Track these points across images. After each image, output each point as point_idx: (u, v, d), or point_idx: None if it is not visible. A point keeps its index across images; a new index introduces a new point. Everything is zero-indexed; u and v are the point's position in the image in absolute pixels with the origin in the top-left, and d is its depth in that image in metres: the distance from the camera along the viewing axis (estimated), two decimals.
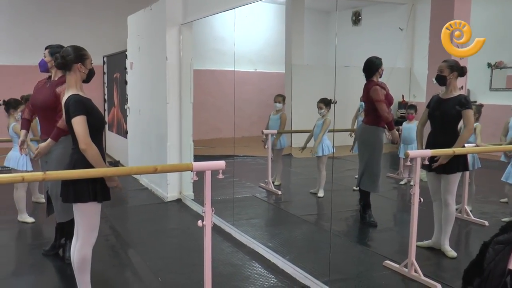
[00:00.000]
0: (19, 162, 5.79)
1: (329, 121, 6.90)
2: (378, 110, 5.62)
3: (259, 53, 14.52)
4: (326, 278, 4.13)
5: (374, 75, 5.74)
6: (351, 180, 7.91)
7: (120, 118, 9.93)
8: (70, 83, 3.55)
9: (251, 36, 14.04)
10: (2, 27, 12.32)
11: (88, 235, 3.59)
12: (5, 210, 6.42)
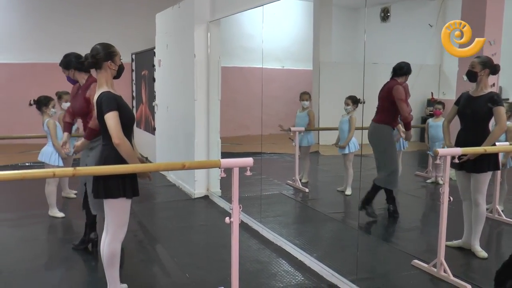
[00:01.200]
0: (51, 157, 5.92)
1: (354, 119, 6.85)
2: (400, 109, 5.66)
3: (287, 50, 14.48)
4: (354, 277, 4.11)
5: (402, 77, 5.79)
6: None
7: (148, 115, 10.03)
8: (101, 81, 3.58)
9: (278, 33, 14.00)
10: (32, 25, 12.55)
11: (117, 230, 3.64)
12: (36, 205, 6.54)
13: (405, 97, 5.72)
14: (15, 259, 4.88)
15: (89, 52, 3.59)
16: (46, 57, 12.57)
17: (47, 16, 12.66)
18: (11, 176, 3.78)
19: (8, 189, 7.47)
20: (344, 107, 6.96)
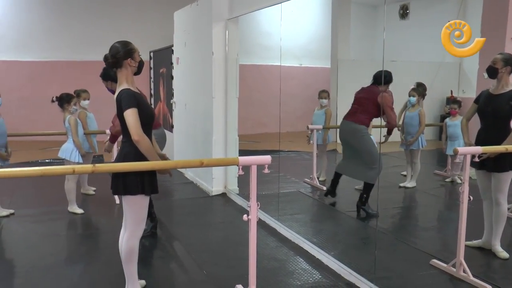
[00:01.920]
0: (72, 154, 5.99)
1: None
2: (388, 116, 5.82)
3: (305, 48, 14.44)
4: (372, 275, 4.09)
5: (384, 85, 5.86)
6: (397, 177, 7.80)
7: (166, 113, 10.08)
8: (121, 79, 3.60)
9: (296, 31, 13.97)
10: (53, 23, 12.71)
11: (135, 227, 3.67)
12: (56, 201, 6.62)
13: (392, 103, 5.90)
14: (37, 254, 4.95)
15: (108, 52, 3.60)
16: (66, 55, 12.75)
17: (67, 15, 12.80)
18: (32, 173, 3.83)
19: (29, 185, 7.57)
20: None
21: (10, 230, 5.70)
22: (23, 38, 12.56)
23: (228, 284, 4.13)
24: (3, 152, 5.90)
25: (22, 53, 12.56)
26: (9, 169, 3.66)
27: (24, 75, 12.50)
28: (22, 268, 4.66)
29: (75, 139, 6.02)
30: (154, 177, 3.69)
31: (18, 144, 8.25)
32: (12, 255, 5.14)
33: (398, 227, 6.03)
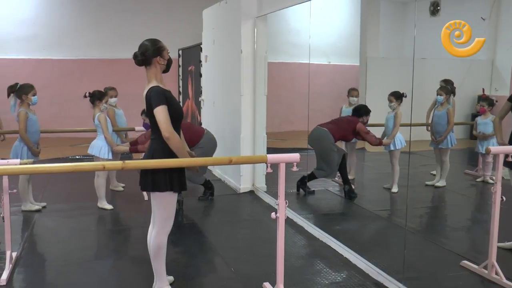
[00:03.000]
0: (101, 150, 6.07)
1: (400, 114, 6.73)
2: (368, 140, 6.75)
3: (333, 45, 14.34)
4: (400, 276, 4.03)
5: (362, 117, 6.80)
6: (426, 176, 7.69)
7: (194, 110, 10.14)
8: (150, 77, 3.63)
9: (325, 28, 13.87)
10: (84, 23, 12.89)
11: (164, 223, 3.70)
12: (86, 197, 6.72)
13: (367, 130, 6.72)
14: (67, 248, 5.04)
15: (138, 50, 3.63)
16: (96, 54, 12.93)
17: (97, 14, 12.97)
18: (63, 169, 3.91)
19: (60, 180, 7.70)
20: (388, 104, 6.85)
21: (42, 225, 5.81)
22: (55, 37, 12.78)
23: (256, 281, 4.14)
24: (36, 148, 6.03)
25: (53, 51, 12.78)
26: (43, 165, 3.75)
27: (55, 73, 12.72)
28: (53, 262, 4.75)
29: (106, 136, 6.10)
30: (183, 174, 3.71)
31: (49, 140, 8.40)
32: (44, 248, 5.25)
33: (427, 227, 5.96)
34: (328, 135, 6.61)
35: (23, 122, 5.86)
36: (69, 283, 4.23)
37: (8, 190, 4.37)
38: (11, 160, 4.48)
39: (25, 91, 5.91)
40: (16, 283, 4.20)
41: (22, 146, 5.92)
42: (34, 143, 6.01)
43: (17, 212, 5.99)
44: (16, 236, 5.11)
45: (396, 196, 6.92)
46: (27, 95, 5.91)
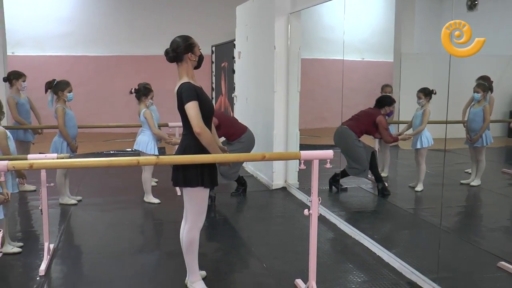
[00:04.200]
0: (148, 146, 6.15)
1: (428, 112, 6.62)
2: (383, 136, 6.58)
3: (367, 41, 14.20)
4: (435, 275, 3.97)
5: (384, 108, 6.67)
6: (460, 174, 7.54)
7: (227, 106, 10.18)
8: (182, 73, 3.66)
9: (358, 24, 13.75)
10: (118, 20, 13.10)
11: (196, 218, 3.73)
12: (120, 191, 6.82)
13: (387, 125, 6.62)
14: (102, 241, 5.15)
15: (169, 46, 3.66)
16: (130, 50, 13.12)
17: (131, 11, 13.16)
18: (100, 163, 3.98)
19: (95, 175, 7.83)
20: (417, 100, 6.75)
21: (78, 218, 5.93)
22: (90, 35, 13.02)
23: (288, 278, 4.14)
24: (74, 144, 6.15)
25: (89, 48, 13.02)
26: (79, 159, 3.82)
27: (90, 69, 12.95)
28: (88, 254, 4.85)
29: (154, 131, 6.19)
30: (214, 170, 3.73)
31: (84, 136, 8.55)
32: (79, 241, 5.37)
33: (462, 227, 5.85)
34: (348, 132, 6.56)
35: (61, 118, 5.99)
36: (104, 275, 4.30)
37: (46, 183, 4.48)
38: (49, 154, 4.58)
39: (61, 87, 6.04)
40: (54, 273, 4.30)
41: (61, 141, 6.06)
42: (72, 138, 6.14)
43: (54, 205, 6.13)
44: (53, 229, 5.23)
45: (425, 194, 6.82)
46: (63, 92, 6.03)
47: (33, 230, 5.49)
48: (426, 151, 6.78)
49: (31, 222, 5.81)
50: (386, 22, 13.73)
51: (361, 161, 6.56)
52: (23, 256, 4.63)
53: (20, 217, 5.97)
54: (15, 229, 5.38)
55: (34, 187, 6.81)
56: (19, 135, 6.80)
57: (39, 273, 4.20)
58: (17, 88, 6.91)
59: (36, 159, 4.00)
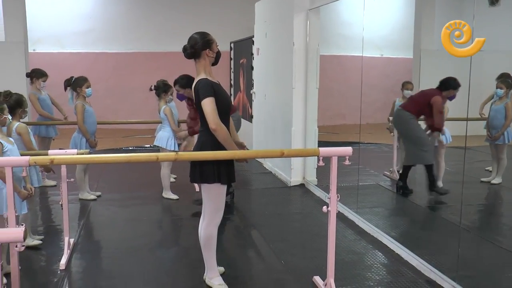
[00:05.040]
0: (168, 142, 6.18)
1: (446, 109, 6.53)
2: (435, 118, 6.15)
3: (386, 38, 14.09)
4: (454, 274, 3.93)
5: (448, 91, 6.17)
6: (480, 172, 7.45)
7: (246, 103, 10.17)
8: (199, 69, 3.67)
9: (378, 20, 13.65)
10: (137, 17, 13.19)
11: (213, 214, 3.74)
12: (138, 187, 6.87)
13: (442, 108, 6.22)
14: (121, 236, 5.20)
15: (187, 43, 3.67)
16: (149, 47, 13.19)
17: (149, 7, 13.23)
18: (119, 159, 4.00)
19: (114, 171, 7.89)
20: None
21: (97, 213, 5.99)
22: (110, 31, 13.12)
23: (306, 275, 4.14)
24: (93, 140, 6.21)
25: (108, 45, 13.12)
26: (98, 155, 3.84)
27: (110, 66, 13.04)
28: (108, 249, 4.90)
29: (174, 128, 6.22)
30: (231, 166, 3.74)
31: (103, 132, 8.62)
32: (99, 236, 5.42)
33: (483, 225, 5.79)
34: (403, 113, 6.37)
35: (80, 114, 6.05)
36: (122, 270, 4.34)
37: (66, 179, 4.53)
38: (69, 150, 4.62)
39: (80, 84, 6.10)
40: (74, 268, 4.36)
41: (80, 137, 6.12)
42: (91, 134, 6.19)
43: (74, 200, 6.19)
44: (73, 223, 5.29)
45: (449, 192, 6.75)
46: (82, 88, 6.09)
47: (53, 225, 5.56)
48: (445, 148, 6.71)
49: (51, 217, 5.88)
50: (406, 18, 13.59)
51: (423, 141, 6.28)
52: (44, 249, 4.70)
53: (41, 211, 6.05)
54: (36, 223, 5.45)
55: (54, 182, 6.89)
56: (41, 130, 6.89)
57: (59, 267, 4.26)
58: (36, 86, 7.02)
59: (56, 154, 4.05)
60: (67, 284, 4.05)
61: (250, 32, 9.55)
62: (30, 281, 4.08)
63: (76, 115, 6.10)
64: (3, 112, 3.87)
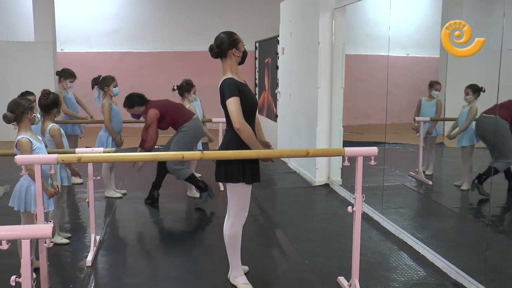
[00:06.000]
0: None
1: (475, 109, 6.41)
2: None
3: (412, 37, 13.94)
4: (482, 277, 3.87)
5: None
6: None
7: (271, 102, 10.17)
8: (226, 69, 3.68)
9: (403, 19, 13.52)
10: (163, 17, 13.28)
11: (238, 214, 3.75)
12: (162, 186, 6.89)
13: None
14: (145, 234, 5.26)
15: (214, 42, 3.68)
16: (173, 46, 13.29)
17: (175, 7, 13.32)
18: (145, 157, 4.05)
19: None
20: (464, 96, 6.55)
21: (123, 211, 6.06)
22: (136, 31, 13.25)
23: (330, 275, 4.12)
24: (119, 138, 6.28)
25: (134, 44, 13.25)
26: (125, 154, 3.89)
27: (136, 65, 13.17)
28: (133, 246, 4.96)
29: None
30: (257, 165, 3.74)
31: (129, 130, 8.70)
32: (124, 233, 5.48)
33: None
34: (501, 122, 5.85)
35: (107, 113, 6.12)
36: (147, 267, 4.39)
37: (93, 177, 4.59)
38: (96, 148, 4.69)
39: (107, 83, 6.18)
40: (100, 264, 4.41)
41: (107, 135, 6.20)
42: (117, 133, 6.26)
43: (100, 198, 6.27)
44: (99, 221, 5.36)
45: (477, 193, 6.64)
46: (109, 87, 6.16)
47: (80, 222, 5.64)
48: (473, 149, 6.60)
49: (78, 214, 5.97)
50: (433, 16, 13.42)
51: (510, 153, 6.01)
52: (71, 246, 4.77)
53: (68, 208, 6.14)
54: (63, 220, 5.53)
55: (81, 180, 6.98)
56: (68, 129, 6.99)
57: (86, 263, 4.32)
58: (63, 86, 7.13)
59: (83, 153, 4.10)
60: (93, 280, 4.10)
61: (275, 31, 9.54)
62: (57, 277, 4.14)
63: (103, 114, 6.18)
64: (32, 110, 3.94)
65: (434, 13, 13.33)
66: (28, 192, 3.87)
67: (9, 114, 3.83)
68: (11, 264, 3.81)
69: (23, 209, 3.92)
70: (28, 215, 3.90)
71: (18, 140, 3.84)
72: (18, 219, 4.06)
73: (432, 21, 13.35)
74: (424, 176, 7.23)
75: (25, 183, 3.90)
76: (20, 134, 3.87)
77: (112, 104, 6.20)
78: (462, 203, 6.40)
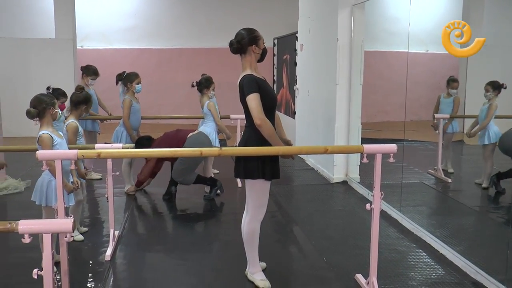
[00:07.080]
0: (210, 137, 6.22)
1: (495, 106, 6.32)
2: None
3: (431, 33, 13.73)
4: (502, 277, 3.82)
5: None
6: None
7: (289, 99, 10.16)
8: (245, 65, 3.69)
9: (424, 15, 13.39)
10: (181, 13, 13.35)
11: (256, 210, 3.75)
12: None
13: None
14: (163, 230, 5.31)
15: (234, 38, 3.69)
16: (192, 43, 13.33)
17: (193, 4, 13.37)
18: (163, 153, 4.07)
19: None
20: (484, 93, 6.47)
21: (141, 207, 6.11)
22: (154, 28, 13.33)
23: (348, 273, 4.11)
24: (135, 135, 6.32)
25: (152, 41, 13.33)
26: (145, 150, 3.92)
27: (153, 62, 13.24)
28: (151, 242, 5.00)
29: (218, 122, 6.29)
30: (276, 162, 3.74)
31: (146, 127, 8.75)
32: (142, 229, 5.53)
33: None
34: None
35: (127, 109, 6.17)
36: (165, 263, 4.41)
37: (112, 172, 4.63)
38: (115, 144, 4.73)
39: (131, 79, 6.24)
40: (119, 259, 4.45)
41: (122, 130, 6.27)
42: (134, 129, 6.31)
43: (119, 194, 6.32)
44: (118, 216, 5.39)
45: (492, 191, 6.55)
46: (132, 83, 6.22)
47: (99, 217, 5.70)
48: (494, 146, 6.51)
49: (97, 209, 6.02)
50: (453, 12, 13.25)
51: None
52: (90, 241, 4.82)
53: (87, 204, 6.19)
54: (82, 215, 5.58)
55: (100, 175, 7.04)
56: (87, 125, 7.06)
57: (105, 258, 4.36)
58: (85, 82, 7.20)
59: (103, 148, 4.14)
60: (112, 275, 4.14)
61: (293, 28, 9.52)
62: (77, 271, 4.18)
63: (123, 110, 6.23)
64: (54, 106, 3.98)
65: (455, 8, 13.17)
66: (49, 187, 3.93)
67: (32, 109, 3.88)
68: (33, 258, 3.88)
69: (44, 204, 3.97)
70: (49, 210, 3.95)
71: (39, 135, 3.89)
72: (40, 213, 4.12)
73: (453, 16, 13.18)
74: (443, 174, 7.17)
75: (46, 178, 3.95)
76: (42, 130, 3.92)
77: (133, 101, 6.25)
78: (482, 202, 6.33)
